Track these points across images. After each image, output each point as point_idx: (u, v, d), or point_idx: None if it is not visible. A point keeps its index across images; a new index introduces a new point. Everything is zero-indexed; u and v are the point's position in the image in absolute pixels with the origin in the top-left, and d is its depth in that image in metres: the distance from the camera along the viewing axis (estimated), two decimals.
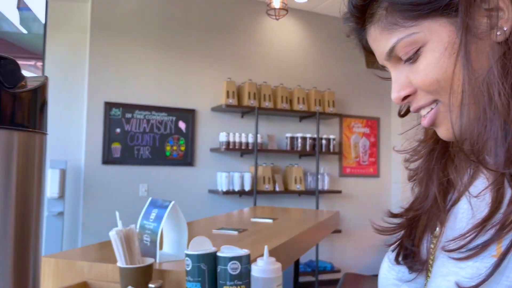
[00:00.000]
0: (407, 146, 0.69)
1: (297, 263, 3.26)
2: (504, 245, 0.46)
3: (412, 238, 0.62)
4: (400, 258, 0.62)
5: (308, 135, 4.54)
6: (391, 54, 0.56)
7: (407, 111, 0.66)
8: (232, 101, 4.20)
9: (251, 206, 4.05)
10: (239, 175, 4.18)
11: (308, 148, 4.53)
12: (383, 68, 0.61)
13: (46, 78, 0.45)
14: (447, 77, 0.52)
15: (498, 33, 0.51)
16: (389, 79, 0.62)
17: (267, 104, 4.35)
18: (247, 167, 4.42)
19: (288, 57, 4.74)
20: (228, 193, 4.10)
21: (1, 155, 0.39)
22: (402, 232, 0.64)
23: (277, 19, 3.30)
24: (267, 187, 4.29)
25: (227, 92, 4.20)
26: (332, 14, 4.89)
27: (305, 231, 1.95)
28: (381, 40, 0.57)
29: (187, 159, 4.20)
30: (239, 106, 4.23)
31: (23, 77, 0.41)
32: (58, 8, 3.99)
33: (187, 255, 0.99)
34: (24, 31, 4.90)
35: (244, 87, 4.32)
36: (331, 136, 4.68)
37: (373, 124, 5.17)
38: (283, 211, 3.02)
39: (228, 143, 4.16)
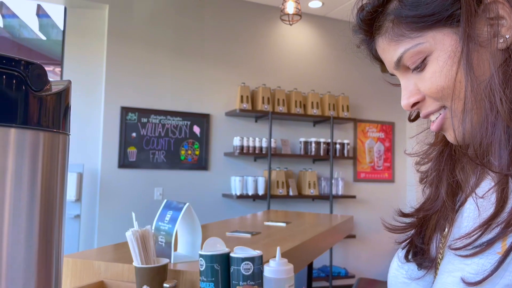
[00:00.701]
0: (418, 150, 0.71)
1: (310, 268, 3.26)
2: (508, 242, 0.47)
3: (422, 237, 0.64)
4: (410, 256, 0.64)
5: (322, 140, 4.54)
6: (399, 63, 0.59)
7: (417, 116, 0.68)
8: (246, 105, 4.23)
9: (265, 210, 4.06)
10: (253, 179, 4.20)
11: (322, 152, 4.52)
12: (393, 75, 0.64)
13: (70, 82, 0.47)
14: (450, 84, 0.55)
15: (501, 40, 0.53)
16: (400, 85, 0.64)
17: (281, 108, 4.37)
18: (261, 171, 4.44)
19: (302, 62, 4.75)
20: (241, 197, 4.12)
21: (28, 155, 0.41)
22: (413, 231, 0.65)
23: (291, 24, 3.32)
24: (281, 191, 4.29)
25: (241, 97, 4.23)
26: (346, 19, 4.85)
27: (318, 235, 1.95)
28: (389, 50, 0.60)
29: (201, 163, 4.24)
30: (253, 111, 4.26)
31: (48, 81, 0.44)
32: (76, 15, 4.08)
33: (201, 256, 1.01)
34: (43, 38, 5.02)
35: (258, 91, 4.35)
36: (345, 141, 4.67)
37: (388, 129, 5.14)
38: (296, 215, 3.02)
39: (242, 147, 4.19)
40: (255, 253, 1.00)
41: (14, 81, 0.39)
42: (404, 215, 0.67)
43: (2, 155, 0.38)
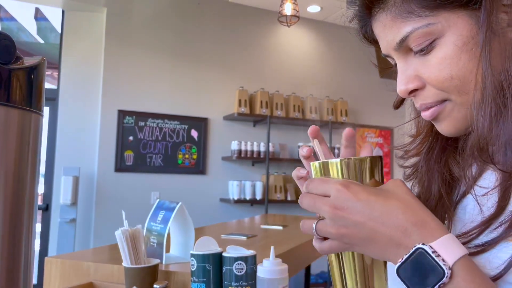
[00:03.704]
0: (400, 143, 0.67)
1: (308, 273, 3.22)
2: None
3: None
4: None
5: None
6: (402, 43, 0.53)
7: (401, 102, 0.64)
8: (244, 109, 4.20)
9: (262, 214, 4.02)
10: (251, 183, 4.16)
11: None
12: (387, 57, 0.58)
13: (43, 58, 0.44)
14: (462, 74, 0.50)
15: None
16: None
17: (279, 113, 4.34)
18: (259, 176, 4.40)
19: (301, 66, 4.74)
20: (239, 201, 4.08)
21: None
22: None
23: (289, 26, 3.31)
24: (279, 196, 4.26)
25: (239, 101, 4.21)
26: (344, 24, 4.87)
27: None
28: (392, 28, 0.53)
29: (199, 167, 4.21)
30: (251, 115, 4.23)
31: (18, 55, 0.41)
32: (74, 18, 4.06)
33: (192, 255, 0.98)
34: (41, 41, 5.01)
35: (256, 96, 4.33)
36: None
37: (387, 134, 5.12)
38: (294, 219, 2.98)
39: (240, 151, 4.16)
40: (248, 252, 0.97)
41: None
42: None
43: None
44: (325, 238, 0.51)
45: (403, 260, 0.44)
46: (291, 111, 4.42)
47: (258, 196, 4.17)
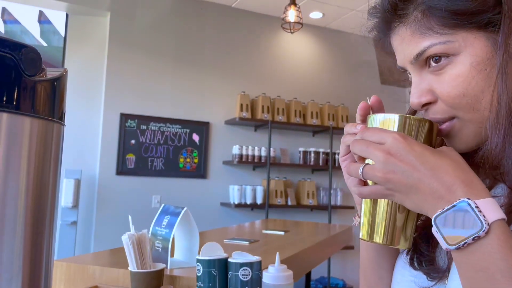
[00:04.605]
0: None
1: (308, 279, 3.22)
2: None
3: (427, 242, 0.59)
4: (415, 263, 0.59)
5: (321, 150, 4.53)
6: (419, 58, 0.55)
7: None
8: (246, 114, 4.22)
9: (263, 219, 4.03)
10: (251, 188, 4.17)
11: (321, 162, 4.51)
12: (403, 70, 0.60)
13: (65, 70, 0.46)
14: (474, 93, 0.51)
15: None
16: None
17: (280, 118, 4.36)
18: (260, 180, 4.41)
19: (302, 72, 4.76)
20: (240, 206, 4.09)
21: (19, 142, 0.39)
22: (415, 235, 0.62)
23: (292, 33, 3.34)
24: (279, 201, 4.26)
25: (241, 106, 4.23)
26: (346, 30, 4.91)
27: (316, 244, 1.93)
28: (411, 42, 0.55)
29: (200, 171, 4.22)
30: (253, 120, 4.25)
31: (43, 67, 0.42)
32: (78, 22, 4.09)
33: (198, 260, 0.99)
34: (44, 44, 5.03)
35: (257, 100, 4.34)
36: None
37: None
38: (295, 224, 2.99)
39: (241, 156, 4.17)
40: (254, 258, 0.98)
41: (6, 64, 0.37)
42: None
43: None
44: (365, 185, 0.52)
45: (444, 209, 0.45)
46: (292, 116, 4.43)
47: (259, 201, 4.18)
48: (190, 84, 4.24)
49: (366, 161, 0.51)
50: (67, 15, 4.07)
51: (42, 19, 4.73)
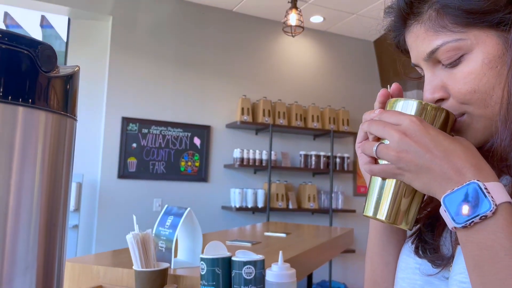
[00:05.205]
0: None
1: (310, 282, 3.22)
2: None
3: (431, 232, 0.61)
4: (420, 252, 0.61)
5: (322, 153, 4.54)
6: (432, 55, 0.57)
7: None
8: (247, 118, 4.24)
9: (264, 222, 4.03)
10: (253, 191, 4.18)
11: (322, 166, 4.51)
12: (417, 66, 0.62)
13: (78, 67, 0.47)
14: (485, 89, 0.53)
15: None
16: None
17: (281, 121, 4.37)
18: (261, 184, 4.42)
19: (303, 75, 4.78)
20: (241, 209, 4.10)
21: (35, 135, 0.41)
22: (419, 225, 0.63)
23: (293, 36, 3.36)
24: (280, 204, 4.27)
25: (242, 109, 4.24)
26: (346, 34, 4.94)
27: (318, 245, 1.94)
28: (425, 39, 0.57)
29: (201, 174, 4.23)
30: (254, 123, 4.26)
31: (57, 64, 0.44)
32: (79, 26, 4.11)
33: (202, 259, 1.00)
34: None
35: (259, 104, 4.36)
36: (345, 155, 4.66)
37: None
38: (296, 227, 3.00)
39: (242, 159, 4.18)
40: (257, 257, 0.99)
41: (24, 60, 0.39)
42: None
43: (9, 133, 0.38)
44: (376, 163, 0.54)
45: (454, 190, 0.47)
46: (293, 120, 4.45)
47: (260, 204, 4.19)
48: (191, 88, 4.25)
49: (382, 141, 0.53)
50: (69, 19, 4.10)
51: (44, 24, 4.76)
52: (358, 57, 4.94)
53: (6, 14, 4.76)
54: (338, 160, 4.61)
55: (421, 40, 0.58)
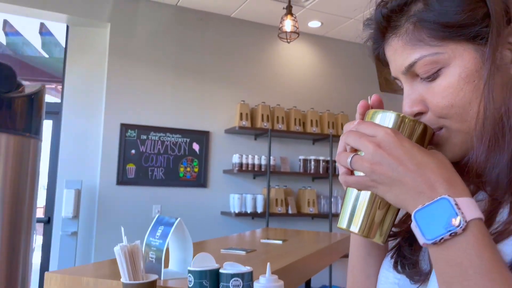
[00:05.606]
0: None
1: (308, 287, 3.20)
2: None
3: (410, 246, 0.60)
4: (399, 267, 0.60)
5: (321, 158, 4.53)
6: (410, 69, 0.56)
7: None
8: (246, 123, 4.23)
9: (264, 227, 4.02)
10: (252, 197, 4.17)
11: (321, 170, 4.50)
12: (396, 79, 0.61)
13: (43, 86, 0.46)
14: (462, 103, 0.53)
15: None
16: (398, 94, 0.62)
17: (280, 126, 4.37)
18: (260, 189, 4.41)
19: (302, 80, 4.78)
20: (240, 215, 4.09)
21: None
22: (399, 239, 0.62)
23: (289, 42, 3.36)
24: (280, 209, 4.26)
25: (241, 114, 4.24)
26: (345, 39, 4.93)
27: (314, 252, 1.92)
28: (403, 53, 0.57)
29: (200, 180, 4.22)
30: (253, 128, 4.26)
31: (19, 84, 0.43)
32: (78, 33, 4.12)
33: (190, 272, 0.99)
34: (46, 55, 5.08)
35: (257, 109, 4.36)
36: None
37: None
38: (295, 233, 2.99)
39: (241, 165, 4.17)
40: (245, 269, 0.98)
41: None
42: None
43: None
44: (352, 174, 0.54)
45: (425, 205, 0.46)
46: (292, 125, 4.44)
47: (259, 209, 4.18)
48: (190, 94, 4.26)
49: (358, 153, 0.53)
50: (67, 27, 4.11)
51: (44, 31, 4.78)
52: (357, 61, 4.93)
53: (6, 22, 4.78)
54: (337, 164, 4.58)
55: (399, 54, 0.57)
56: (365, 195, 0.54)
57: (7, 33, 4.88)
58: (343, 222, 0.56)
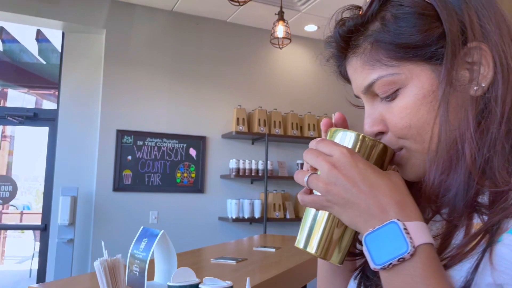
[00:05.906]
0: None
1: None
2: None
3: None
4: None
5: None
6: (369, 89, 0.56)
7: None
8: (242, 128, 4.22)
9: (261, 233, 4.00)
10: (249, 202, 4.15)
11: None
12: (358, 97, 0.61)
13: None
14: (419, 124, 0.52)
15: (475, 88, 0.51)
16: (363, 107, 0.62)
17: (277, 131, 4.36)
18: (257, 194, 4.39)
19: (299, 84, 4.76)
20: (238, 220, 4.07)
21: None
22: (364, 259, 0.61)
23: (281, 48, 3.35)
24: (278, 214, 4.24)
25: (237, 119, 4.23)
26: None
27: (306, 261, 1.91)
28: (362, 73, 0.56)
29: (197, 186, 4.21)
30: (249, 133, 4.24)
31: None
32: (74, 40, 4.12)
33: (169, 287, 0.98)
34: (43, 62, 5.08)
35: (254, 114, 4.35)
36: None
37: None
38: (292, 239, 2.97)
39: (238, 170, 4.16)
40: (225, 284, 0.97)
41: None
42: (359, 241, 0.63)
43: None
44: (311, 193, 0.53)
45: (375, 229, 0.46)
46: (289, 129, 4.43)
47: (257, 215, 4.16)
48: (186, 99, 4.25)
49: (317, 172, 0.52)
50: (63, 33, 4.11)
51: (40, 38, 4.79)
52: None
53: (2, 29, 4.79)
54: None
55: (359, 73, 0.57)
56: (323, 215, 0.53)
57: (4, 40, 4.89)
58: (300, 242, 0.55)
